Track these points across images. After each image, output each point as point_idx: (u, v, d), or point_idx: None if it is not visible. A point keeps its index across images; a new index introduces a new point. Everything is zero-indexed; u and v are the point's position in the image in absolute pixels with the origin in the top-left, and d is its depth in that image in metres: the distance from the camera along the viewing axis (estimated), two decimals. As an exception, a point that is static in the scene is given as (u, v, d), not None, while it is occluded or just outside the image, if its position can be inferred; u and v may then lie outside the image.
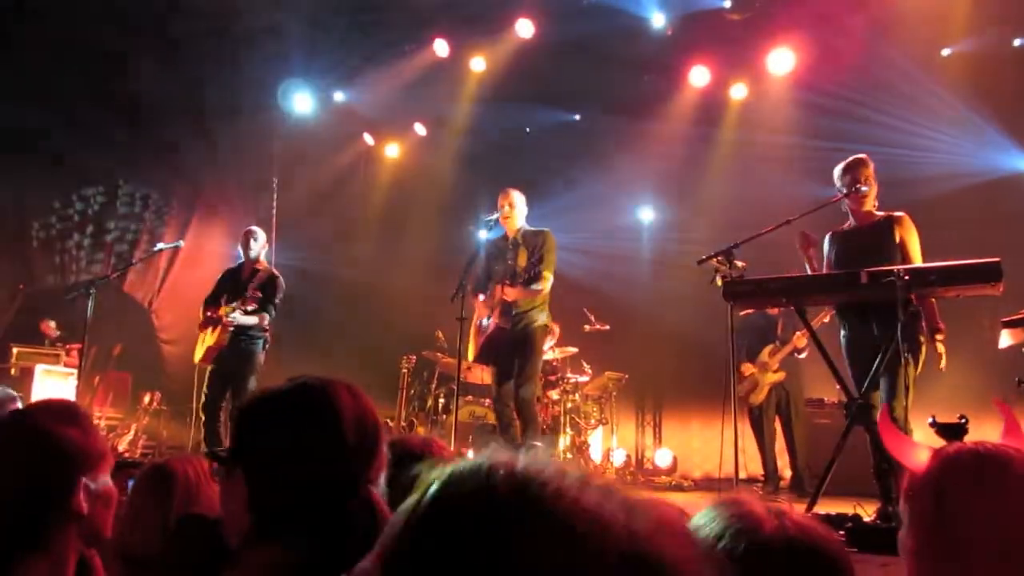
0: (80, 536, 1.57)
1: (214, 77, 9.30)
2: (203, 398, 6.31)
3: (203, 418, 6.27)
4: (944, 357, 4.46)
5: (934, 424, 1.92)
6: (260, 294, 6.13)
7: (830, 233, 4.88)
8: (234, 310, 6.09)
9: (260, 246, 6.59)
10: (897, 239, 4.55)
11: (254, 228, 6.71)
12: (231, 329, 6.17)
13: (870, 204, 4.71)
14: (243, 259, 6.65)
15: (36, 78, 8.96)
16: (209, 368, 6.36)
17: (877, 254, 4.46)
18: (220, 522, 1.42)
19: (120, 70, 8.99)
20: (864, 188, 4.62)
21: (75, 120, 9.34)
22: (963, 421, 1.84)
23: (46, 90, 9.03)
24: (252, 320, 6.20)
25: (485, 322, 5.80)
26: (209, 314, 6.37)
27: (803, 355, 7.09)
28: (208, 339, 6.29)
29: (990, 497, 1.31)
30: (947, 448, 1.44)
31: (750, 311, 6.93)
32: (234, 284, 6.48)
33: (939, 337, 4.43)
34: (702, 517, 0.98)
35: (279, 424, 1.29)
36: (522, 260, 5.67)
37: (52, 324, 9.79)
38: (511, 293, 5.51)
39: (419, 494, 0.66)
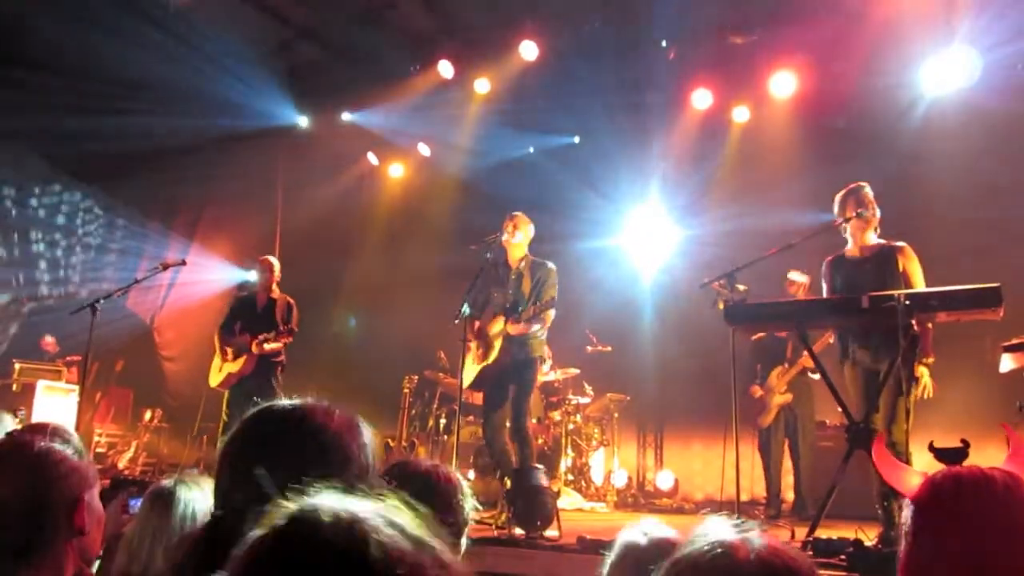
0: (78, 552, 1.60)
1: (219, 95, 9.37)
2: (225, 419, 6.44)
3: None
4: (928, 388, 4.46)
5: (932, 449, 1.94)
6: (296, 329, 6.56)
7: (831, 258, 4.90)
8: (266, 341, 6.43)
9: (277, 275, 6.94)
10: (901, 268, 4.57)
11: (270, 258, 7.04)
12: (257, 356, 6.53)
13: (872, 231, 4.74)
14: (257, 287, 7.04)
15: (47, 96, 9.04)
16: (228, 393, 6.69)
17: (881, 283, 4.48)
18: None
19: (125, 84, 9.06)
20: (866, 213, 4.65)
21: (81, 136, 9.41)
22: (963, 446, 1.85)
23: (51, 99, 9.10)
24: (278, 345, 6.59)
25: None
26: (228, 347, 6.71)
27: (817, 375, 7.06)
28: (230, 366, 6.64)
29: (964, 522, 1.34)
30: (935, 474, 1.48)
31: (762, 334, 6.97)
32: (251, 313, 6.81)
33: (927, 362, 4.44)
34: (685, 546, 1.03)
35: None
36: (524, 292, 5.65)
37: (52, 340, 9.80)
38: (515, 328, 5.49)
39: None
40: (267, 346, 6.48)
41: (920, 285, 4.55)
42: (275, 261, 7.04)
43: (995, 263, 6.36)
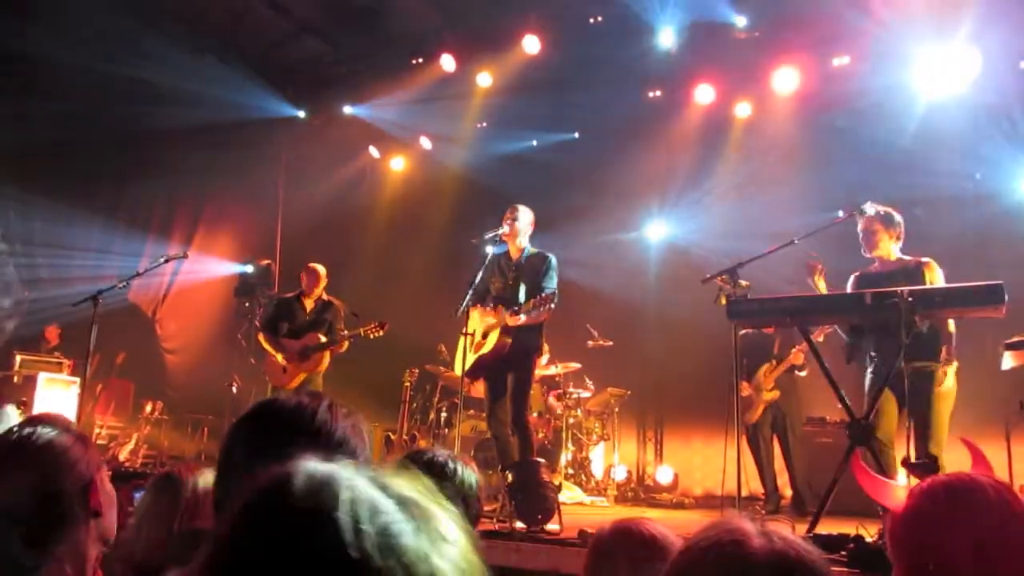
0: (97, 535, 1.63)
1: (221, 89, 9.37)
2: None
3: None
4: (949, 381, 4.50)
5: (907, 464, 1.99)
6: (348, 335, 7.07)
7: (857, 274, 4.96)
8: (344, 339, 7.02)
9: (325, 280, 7.34)
10: (928, 283, 4.64)
11: (317, 267, 7.36)
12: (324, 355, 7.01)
13: (895, 245, 4.86)
14: (300, 292, 7.32)
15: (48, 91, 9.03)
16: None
17: None
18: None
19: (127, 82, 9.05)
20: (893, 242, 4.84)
21: (82, 129, 9.40)
22: (932, 461, 1.91)
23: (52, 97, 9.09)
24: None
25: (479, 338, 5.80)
26: (304, 346, 7.04)
27: (803, 372, 7.09)
28: (298, 367, 7.02)
29: (964, 520, 1.39)
30: (921, 484, 1.52)
31: (748, 330, 6.98)
32: (297, 315, 7.18)
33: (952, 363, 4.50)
34: (697, 534, 1.03)
35: None
36: (523, 283, 5.65)
37: (56, 331, 9.78)
38: (514, 320, 5.49)
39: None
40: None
41: None
42: (321, 268, 7.37)
43: (996, 261, 6.37)
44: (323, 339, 6.92)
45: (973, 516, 1.39)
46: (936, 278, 4.70)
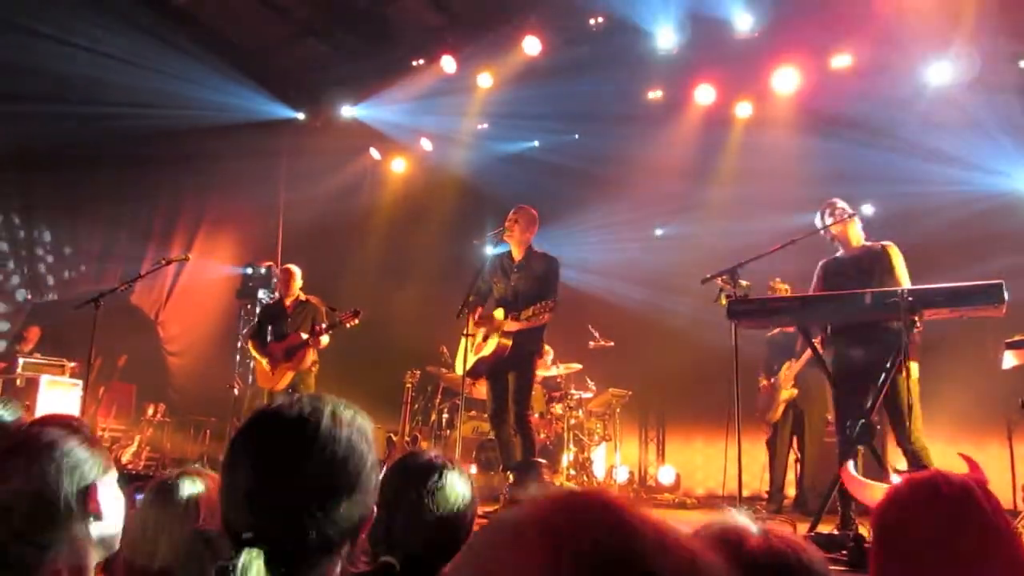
0: (97, 540, 1.63)
1: (221, 92, 9.38)
2: None
3: None
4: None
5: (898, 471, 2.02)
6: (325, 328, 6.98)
7: (823, 262, 5.09)
8: (321, 333, 6.92)
9: (299, 281, 7.35)
10: (893, 265, 4.75)
11: (291, 267, 7.43)
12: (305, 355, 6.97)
13: (858, 233, 4.96)
14: (280, 295, 7.42)
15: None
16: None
17: (870, 277, 4.66)
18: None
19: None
20: (841, 224, 4.92)
21: (82, 133, 9.41)
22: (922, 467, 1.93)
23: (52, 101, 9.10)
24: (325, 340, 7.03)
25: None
26: (274, 351, 7.02)
27: None
28: (287, 366, 7.01)
29: (920, 512, 1.45)
30: (895, 484, 1.59)
31: (776, 331, 7.00)
32: (279, 318, 7.21)
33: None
34: (698, 531, 1.04)
35: None
36: (525, 285, 5.66)
37: (37, 333, 9.69)
38: (513, 325, 5.50)
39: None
40: (323, 340, 6.94)
41: (905, 279, 4.72)
42: (295, 268, 7.40)
43: (996, 259, 6.37)
44: (304, 336, 6.94)
45: (931, 509, 1.43)
46: (896, 260, 4.81)
